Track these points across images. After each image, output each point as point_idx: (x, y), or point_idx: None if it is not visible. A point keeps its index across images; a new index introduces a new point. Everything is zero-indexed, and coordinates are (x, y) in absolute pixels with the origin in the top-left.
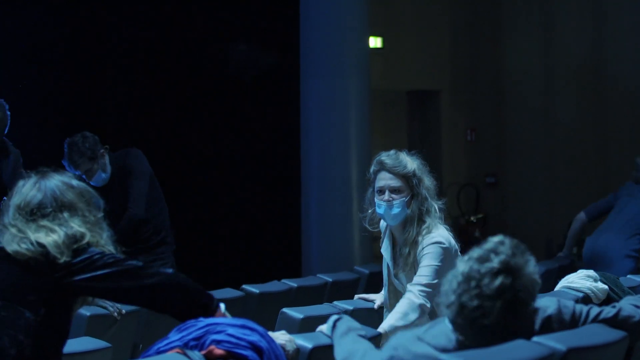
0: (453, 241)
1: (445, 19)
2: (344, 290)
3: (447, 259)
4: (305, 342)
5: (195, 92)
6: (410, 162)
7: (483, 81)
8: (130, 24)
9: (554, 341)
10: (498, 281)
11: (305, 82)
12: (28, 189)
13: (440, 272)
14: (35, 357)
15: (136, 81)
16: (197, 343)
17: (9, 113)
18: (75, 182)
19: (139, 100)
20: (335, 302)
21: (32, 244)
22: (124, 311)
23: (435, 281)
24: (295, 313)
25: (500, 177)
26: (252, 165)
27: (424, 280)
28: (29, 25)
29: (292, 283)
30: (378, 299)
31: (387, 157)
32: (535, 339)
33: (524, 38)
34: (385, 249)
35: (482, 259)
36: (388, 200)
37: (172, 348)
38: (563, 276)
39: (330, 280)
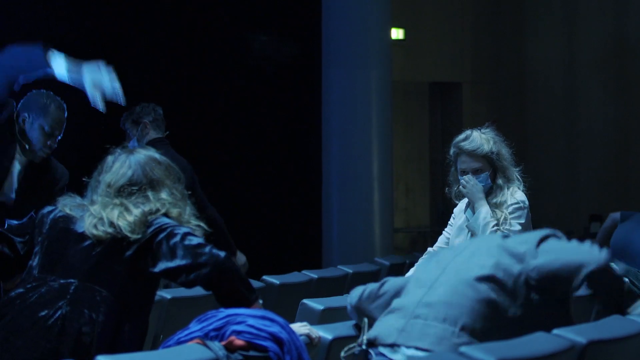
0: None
1: (466, 10)
2: (365, 282)
3: (527, 218)
4: (325, 333)
5: (215, 83)
6: (487, 142)
7: (505, 73)
8: (149, 16)
9: (574, 334)
10: None
11: (326, 73)
12: (119, 167)
13: (523, 230)
14: (112, 338)
15: (156, 72)
16: (218, 334)
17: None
18: (159, 157)
19: (160, 92)
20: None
21: (108, 225)
22: None
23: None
24: (315, 304)
25: (522, 169)
26: (273, 157)
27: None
28: (44, 17)
29: (312, 274)
30: None
31: (464, 141)
32: (555, 331)
33: (546, 29)
34: (470, 214)
35: None
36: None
37: (192, 338)
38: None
39: (351, 271)
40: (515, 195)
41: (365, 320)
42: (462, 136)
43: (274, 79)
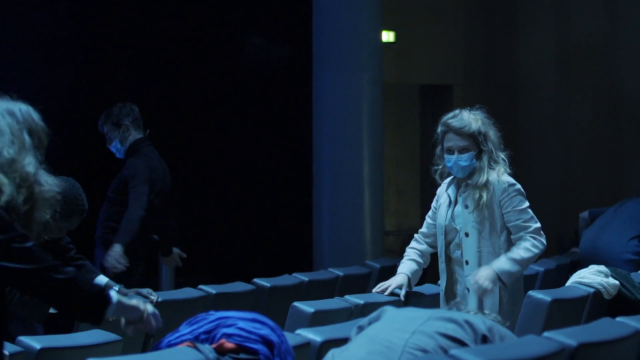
0: None
1: (458, 13)
2: (355, 285)
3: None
4: (316, 335)
5: (206, 85)
6: (475, 121)
7: (496, 76)
8: (141, 18)
9: (565, 336)
10: None
11: (317, 75)
12: None
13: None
14: None
15: (149, 75)
16: (208, 336)
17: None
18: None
19: (152, 94)
20: (346, 296)
21: None
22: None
23: (535, 219)
24: (306, 307)
25: (513, 172)
26: (264, 159)
27: (532, 224)
28: (39, 19)
29: (303, 277)
30: (397, 283)
31: (452, 119)
32: (545, 334)
33: (538, 32)
34: (452, 192)
35: None
36: (457, 156)
37: (182, 341)
38: (575, 271)
39: (342, 274)
40: (502, 177)
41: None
42: (450, 114)
43: (265, 82)
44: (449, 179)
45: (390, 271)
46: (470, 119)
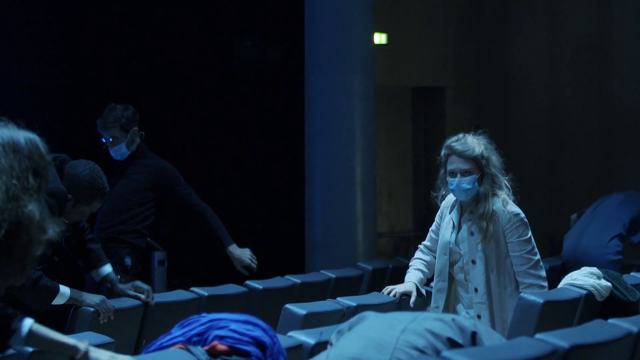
0: None
1: (450, 15)
2: (348, 287)
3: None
4: (308, 338)
5: (198, 87)
6: (478, 145)
7: (488, 77)
8: (133, 20)
9: (557, 338)
10: None
11: (309, 77)
12: None
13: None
14: None
15: (140, 77)
16: (200, 339)
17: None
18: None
19: (143, 96)
20: (338, 298)
21: None
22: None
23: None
24: (298, 309)
25: (511, 178)
26: (256, 161)
27: (533, 257)
28: (31, 20)
29: (295, 279)
30: (406, 289)
31: (456, 142)
32: (538, 335)
33: (529, 34)
34: (455, 216)
35: None
36: (459, 179)
37: (175, 343)
38: (566, 273)
39: (334, 276)
40: (507, 207)
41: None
42: (454, 138)
43: (257, 84)
44: (451, 200)
45: (383, 273)
46: (473, 142)
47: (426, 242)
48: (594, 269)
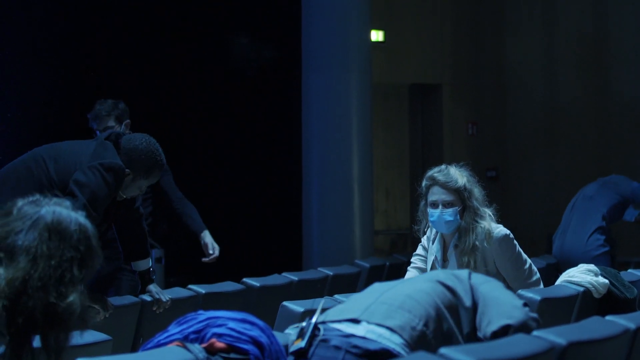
0: None
1: (446, 12)
2: (345, 284)
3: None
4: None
5: (195, 85)
6: (460, 177)
7: (484, 75)
8: (130, 18)
9: (554, 335)
10: None
11: (306, 75)
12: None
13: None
14: None
15: (137, 75)
16: (198, 336)
17: None
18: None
19: (139, 94)
20: (336, 296)
21: None
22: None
23: (533, 267)
24: (295, 306)
25: (501, 171)
26: (253, 159)
27: (526, 270)
28: (29, 17)
29: (293, 276)
30: None
31: (438, 173)
32: (535, 332)
33: (526, 31)
34: (438, 251)
35: None
36: (441, 210)
37: (172, 341)
38: (564, 270)
39: (331, 273)
40: (493, 235)
41: (322, 300)
42: (436, 169)
43: (254, 82)
44: (432, 233)
45: (380, 270)
46: (456, 174)
47: (414, 265)
48: (592, 266)
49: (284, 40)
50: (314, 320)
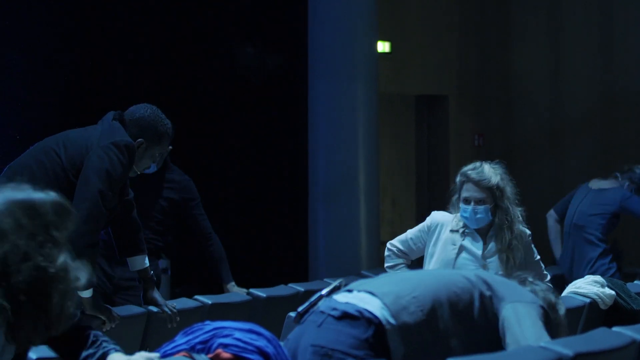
0: None
1: (453, 24)
2: None
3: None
4: None
5: (202, 93)
6: (494, 175)
7: (491, 86)
8: (135, 26)
9: (561, 346)
10: None
11: (313, 85)
12: None
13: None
14: None
15: (143, 83)
16: (204, 346)
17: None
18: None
19: (146, 102)
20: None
21: None
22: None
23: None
24: None
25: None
26: (260, 168)
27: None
28: (32, 22)
29: (299, 287)
30: None
31: (472, 170)
32: (542, 343)
33: (532, 42)
34: (470, 242)
35: None
36: (473, 207)
37: (178, 351)
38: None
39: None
40: (523, 230)
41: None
42: (471, 165)
43: (261, 91)
44: (447, 220)
45: None
46: (490, 172)
47: (399, 246)
48: (598, 277)
49: (291, 50)
50: (322, 293)
